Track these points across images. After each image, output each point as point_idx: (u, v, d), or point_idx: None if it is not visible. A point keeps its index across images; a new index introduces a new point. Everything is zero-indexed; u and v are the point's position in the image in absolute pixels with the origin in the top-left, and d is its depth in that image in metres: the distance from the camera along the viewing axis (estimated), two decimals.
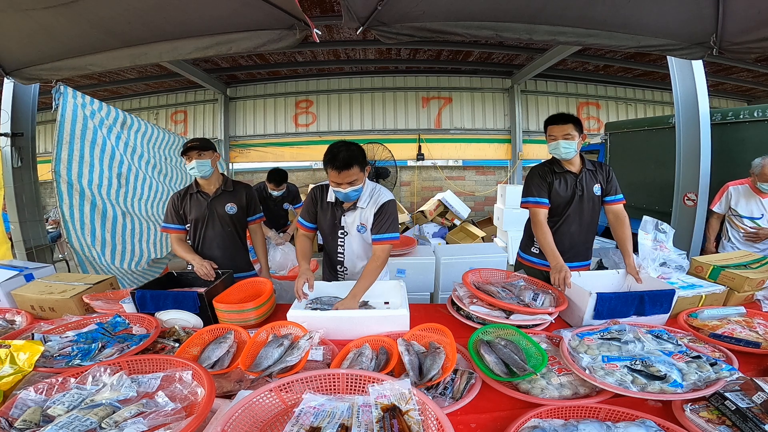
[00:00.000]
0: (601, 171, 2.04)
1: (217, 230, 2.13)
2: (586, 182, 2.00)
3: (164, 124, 7.73)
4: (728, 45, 1.89)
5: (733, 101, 8.15)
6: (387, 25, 1.86)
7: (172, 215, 2.12)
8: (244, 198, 2.19)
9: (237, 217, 2.16)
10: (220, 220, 2.13)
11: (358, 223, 1.85)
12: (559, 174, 2.00)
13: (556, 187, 2.00)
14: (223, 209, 2.12)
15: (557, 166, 2.02)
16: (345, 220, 1.86)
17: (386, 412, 0.89)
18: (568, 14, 1.89)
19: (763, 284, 1.72)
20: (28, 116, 3.13)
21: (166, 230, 2.14)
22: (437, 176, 7.76)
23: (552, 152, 1.99)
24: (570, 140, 1.91)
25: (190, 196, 2.12)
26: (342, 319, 1.48)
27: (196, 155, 2.01)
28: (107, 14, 1.84)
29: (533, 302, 1.61)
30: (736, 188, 2.77)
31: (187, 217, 2.12)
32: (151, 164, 3.73)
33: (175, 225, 2.12)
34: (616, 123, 5.50)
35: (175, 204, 2.12)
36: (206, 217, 2.10)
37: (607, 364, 1.12)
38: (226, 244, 2.15)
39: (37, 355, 1.16)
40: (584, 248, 2.10)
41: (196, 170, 2.03)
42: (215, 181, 2.14)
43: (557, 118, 1.96)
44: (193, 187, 2.14)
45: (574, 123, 1.92)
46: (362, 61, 6.86)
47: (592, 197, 2.02)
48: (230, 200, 2.14)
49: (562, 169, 2.01)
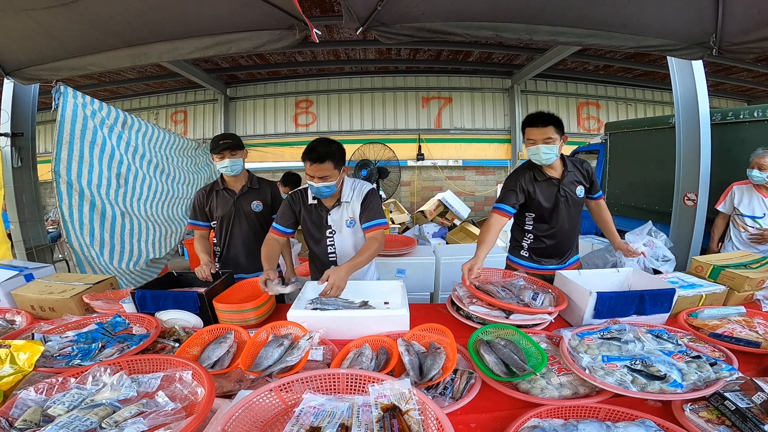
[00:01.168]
0: (582, 170, 1.95)
1: (243, 228, 2.13)
2: (568, 187, 1.90)
3: (164, 124, 7.74)
4: (728, 45, 1.89)
5: (733, 101, 8.15)
6: (387, 26, 1.86)
7: (196, 212, 2.14)
8: (270, 195, 2.19)
9: (263, 214, 2.16)
10: (246, 217, 2.13)
11: (347, 217, 1.85)
12: (541, 182, 1.89)
13: (538, 196, 1.88)
14: (249, 207, 2.12)
15: (538, 173, 1.89)
16: (331, 218, 1.86)
17: (386, 411, 0.89)
18: (568, 14, 1.88)
19: (763, 284, 1.72)
20: (28, 116, 3.13)
21: (191, 227, 2.17)
22: (437, 176, 7.76)
23: (531, 158, 1.85)
24: (551, 144, 1.77)
25: (216, 192, 2.12)
26: (342, 319, 1.48)
27: (229, 154, 2.01)
28: (107, 14, 1.84)
29: (533, 302, 1.61)
30: (740, 187, 2.78)
31: (213, 215, 2.13)
32: (153, 164, 3.73)
33: (199, 222, 2.14)
34: (616, 123, 5.50)
35: (200, 201, 2.13)
36: (232, 214, 2.11)
37: (607, 363, 1.12)
38: (252, 241, 2.15)
39: (37, 355, 1.16)
40: (570, 249, 2.06)
41: (229, 169, 2.03)
42: (242, 178, 2.14)
43: (536, 119, 1.80)
44: (218, 184, 2.13)
45: (555, 125, 1.77)
46: (362, 61, 6.87)
47: (575, 201, 1.93)
48: (256, 198, 2.14)
49: (543, 176, 1.89)
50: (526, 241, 2.04)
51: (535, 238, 2.01)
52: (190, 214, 2.19)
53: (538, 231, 1.99)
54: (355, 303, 1.70)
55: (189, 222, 2.20)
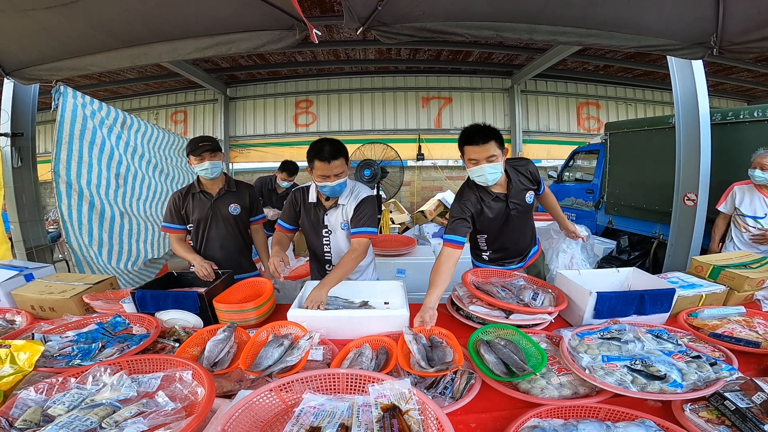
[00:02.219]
0: (527, 174, 1.83)
1: (220, 231, 2.12)
2: (517, 197, 1.79)
3: (164, 124, 7.74)
4: (728, 45, 1.89)
5: (733, 101, 8.15)
6: (387, 26, 1.86)
7: (172, 215, 2.10)
8: (248, 198, 2.18)
9: (240, 217, 2.15)
10: (224, 220, 2.11)
11: (341, 220, 1.87)
12: (488, 201, 1.76)
13: (486, 217, 1.77)
14: (226, 210, 2.10)
15: (483, 193, 1.76)
16: (328, 219, 1.88)
17: (386, 411, 0.89)
18: (568, 14, 1.88)
19: (763, 284, 1.72)
20: (28, 116, 3.12)
21: (166, 230, 2.13)
22: (437, 176, 7.76)
23: (476, 180, 1.69)
24: (495, 162, 1.62)
25: (192, 195, 2.10)
26: (342, 319, 1.48)
27: (209, 156, 1.99)
28: (107, 14, 1.84)
29: (533, 302, 1.61)
30: (741, 188, 2.78)
31: (189, 218, 2.10)
32: (152, 164, 3.73)
33: (175, 225, 2.10)
34: (616, 123, 5.50)
35: (176, 203, 2.10)
36: (209, 217, 2.08)
37: (607, 363, 1.12)
38: (229, 244, 2.14)
39: (37, 355, 1.16)
40: (526, 249, 2.05)
41: (209, 171, 2.01)
42: (219, 181, 2.12)
43: (474, 135, 1.63)
44: (195, 187, 2.11)
45: (495, 138, 1.62)
46: (362, 61, 6.87)
47: (526, 208, 1.84)
48: (234, 201, 2.12)
49: (489, 195, 1.76)
50: (485, 254, 2.03)
51: (493, 251, 2.00)
52: (164, 217, 2.14)
53: (495, 246, 1.97)
54: (355, 303, 1.70)
55: (163, 225, 2.14)
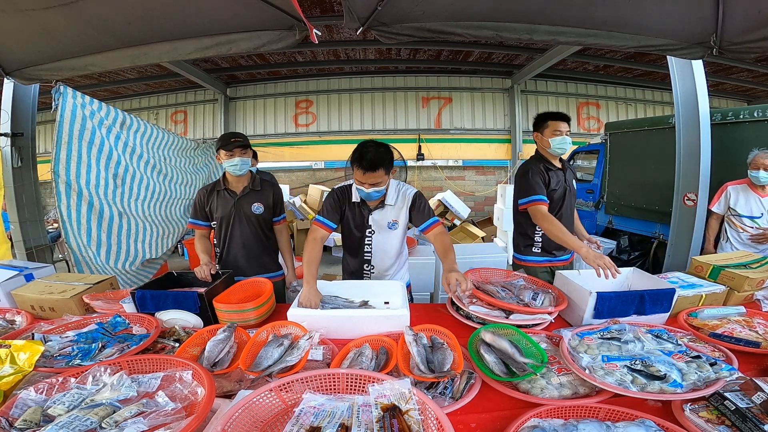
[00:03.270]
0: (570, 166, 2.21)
1: (243, 230, 2.10)
2: (568, 177, 2.14)
3: (164, 124, 7.74)
4: (728, 45, 1.89)
5: (733, 101, 8.15)
6: (387, 26, 1.86)
7: (197, 211, 2.11)
8: (271, 197, 2.15)
9: (264, 217, 2.12)
10: (246, 219, 2.09)
11: (389, 219, 1.87)
12: (552, 171, 2.09)
13: (551, 185, 2.07)
14: (249, 209, 2.08)
15: (548, 164, 2.10)
16: (372, 218, 1.87)
17: (386, 411, 0.89)
18: (568, 14, 1.89)
19: (763, 284, 1.72)
20: (28, 116, 3.13)
21: (192, 226, 2.15)
22: (437, 176, 7.76)
23: (557, 147, 2.05)
24: (569, 137, 2.06)
25: (217, 192, 2.09)
26: (342, 318, 1.48)
27: (240, 152, 1.97)
28: (107, 14, 1.84)
29: (533, 302, 1.61)
30: (735, 188, 2.77)
31: (213, 215, 2.10)
32: (150, 165, 3.73)
33: (200, 221, 2.12)
34: (616, 123, 5.50)
35: (201, 200, 2.10)
36: (232, 216, 2.07)
37: (607, 363, 1.12)
38: (252, 243, 2.12)
39: (37, 355, 1.16)
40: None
41: (238, 167, 1.99)
42: (245, 179, 2.11)
43: (560, 115, 2.07)
44: (220, 184, 2.09)
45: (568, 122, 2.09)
46: (362, 61, 6.87)
47: (573, 191, 2.17)
48: (257, 200, 2.10)
49: (553, 167, 2.10)
50: (537, 236, 2.14)
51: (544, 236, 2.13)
52: (191, 213, 2.17)
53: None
54: (355, 303, 1.70)
55: (189, 221, 2.18)
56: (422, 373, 1.13)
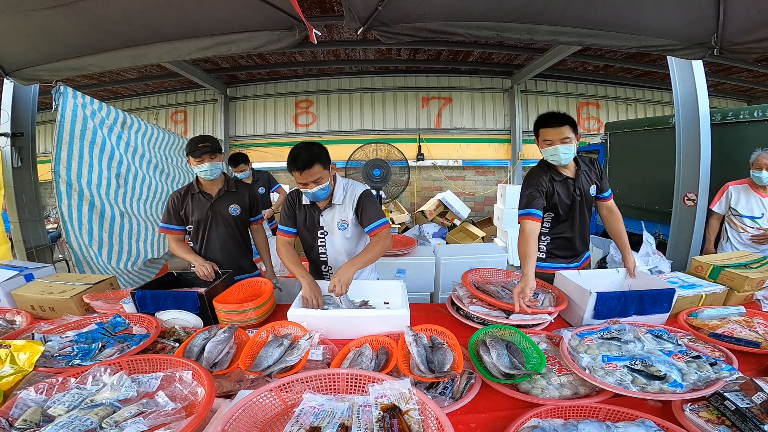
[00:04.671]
0: (594, 169, 1.95)
1: (220, 232, 2.09)
2: (582, 185, 1.89)
3: (164, 124, 7.74)
4: (729, 45, 1.89)
5: (733, 101, 8.15)
6: (387, 26, 1.86)
7: (170, 215, 2.07)
8: (247, 198, 2.15)
9: (240, 218, 2.12)
10: (224, 221, 2.09)
11: (338, 220, 1.85)
12: (558, 182, 1.87)
13: (557, 196, 1.87)
14: (226, 210, 2.08)
15: (555, 173, 1.87)
16: (323, 219, 1.86)
17: (386, 411, 0.89)
18: (568, 14, 1.89)
19: (763, 284, 1.72)
20: (28, 116, 3.13)
21: (164, 231, 2.10)
22: (437, 176, 7.76)
23: (549, 159, 1.83)
24: (568, 144, 1.76)
25: (191, 196, 2.07)
26: (342, 318, 1.48)
27: (209, 157, 1.96)
28: (107, 15, 1.84)
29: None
30: (736, 187, 2.77)
31: (189, 219, 2.08)
32: (153, 164, 3.73)
33: (173, 226, 2.08)
34: (616, 123, 5.50)
35: (175, 204, 2.07)
36: (209, 218, 2.06)
37: (607, 363, 1.12)
38: (229, 245, 2.12)
39: (37, 355, 1.16)
40: (582, 248, 2.06)
41: (209, 173, 1.99)
42: (218, 181, 2.10)
43: (551, 119, 1.78)
44: (194, 187, 2.08)
45: (570, 124, 1.76)
46: (362, 61, 6.86)
47: (588, 200, 1.93)
48: (233, 201, 2.10)
49: (560, 176, 1.87)
50: (543, 243, 2.02)
51: (552, 239, 2.00)
52: (163, 218, 2.11)
53: (556, 231, 1.98)
54: (355, 303, 1.70)
55: (161, 226, 2.11)
56: (422, 373, 1.13)
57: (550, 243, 2.01)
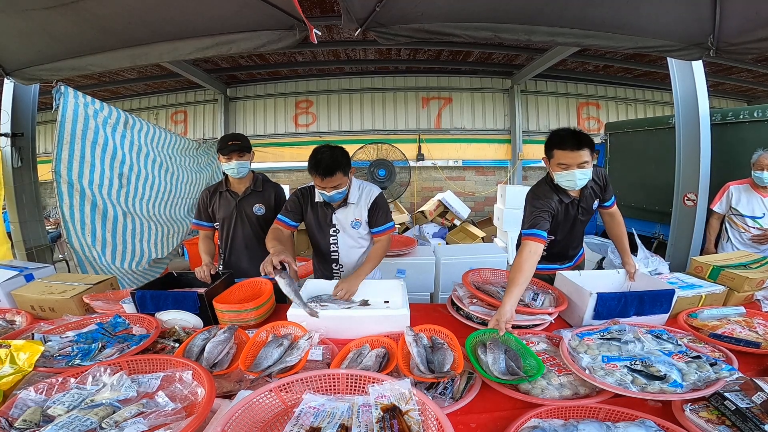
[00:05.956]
0: (600, 181, 1.82)
1: (245, 231, 2.09)
2: (585, 203, 1.80)
3: (164, 125, 7.73)
4: (726, 46, 1.89)
5: (733, 101, 8.14)
6: (385, 27, 1.86)
7: (200, 212, 2.13)
8: (273, 199, 2.13)
9: (265, 218, 2.09)
10: (248, 220, 2.08)
11: (352, 218, 1.88)
12: (565, 204, 1.76)
13: (561, 217, 1.78)
14: (251, 210, 2.07)
15: (564, 195, 1.74)
16: (336, 217, 1.87)
17: (386, 412, 0.89)
18: (566, 15, 1.89)
19: (763, 284, 1.72)
20: (28, 116, 3.13)
21: (195, 227, 2.16)
22: (437, 176, 7.75)
23: (564, 184, 1.67)
24: (586, 168, 1.60)
25: (219, 194, 2.10)
26: (342, 318, 1.48)
27: (237, 156, 1.98)
28: (107, 14, 1.84)
29: (533, 302, 1.61)
30: (737, 187, 2.77)
31: (216, 216, 2.11)
32: (157, 163, 3.72)
33: (203, 222, 2.14)
34: (616, 123, 5.50)
35: (205, 201, 2.12)
36: (234, 217, 2.07)
37: (607, 364, 1.12)
38: (254, 245, 2.10)
39: (37, 355, 1.16)
40: (574, 251, 2.04)
41: (235, 171, 2.01)
42: (246, 180, 2.10)
43: (569, 141, 1.58)
44: (222, 185, 2.11)
45: (588, 146, 1.58)
46: (362, 62, 6.86)
47: (590, 214, 1.87)
48: (258, 201, 2.09)
49: (568, 197, 1.75)
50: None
51: (549, 251, 1.96)
52: (195, 214, 2.18)
53: (555, 247, 1.95)
54: (355, 302, 1.71)
55: (193, 222, 2.19)
56: (422, 373, 1.13)
57: (547, 253, 1.96)
